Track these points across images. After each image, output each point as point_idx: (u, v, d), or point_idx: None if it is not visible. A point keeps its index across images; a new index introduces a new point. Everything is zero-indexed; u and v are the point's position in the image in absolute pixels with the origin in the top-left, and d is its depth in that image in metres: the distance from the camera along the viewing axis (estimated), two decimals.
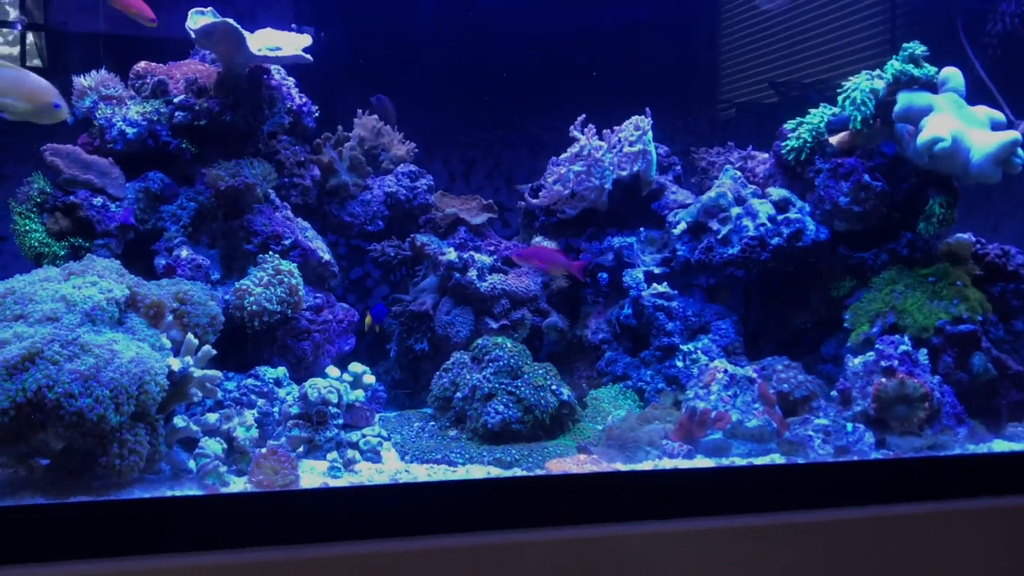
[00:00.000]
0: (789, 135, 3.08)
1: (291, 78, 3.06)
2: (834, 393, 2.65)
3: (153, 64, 2.89)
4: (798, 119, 3.09)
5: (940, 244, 2.95)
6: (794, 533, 1.98)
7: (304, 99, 3.10)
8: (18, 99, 2.25)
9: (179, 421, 2.16)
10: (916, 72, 2.84)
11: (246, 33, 2.68)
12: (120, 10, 2.78)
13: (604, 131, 3.23)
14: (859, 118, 2.88)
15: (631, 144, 3.16)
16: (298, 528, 1.73)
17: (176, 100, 2.77)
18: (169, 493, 1.96)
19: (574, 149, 3.17)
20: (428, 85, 3.82)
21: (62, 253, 2.54)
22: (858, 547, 2.03)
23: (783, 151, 3.08)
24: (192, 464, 2.11)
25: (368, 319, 2.91)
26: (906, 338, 2.61)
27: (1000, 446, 2.61)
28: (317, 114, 3.18)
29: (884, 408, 2.49)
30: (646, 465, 2.33)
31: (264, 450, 2.15)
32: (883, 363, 2.54)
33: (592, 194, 3.12)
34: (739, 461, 2.39)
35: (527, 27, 3.90)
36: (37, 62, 3.37)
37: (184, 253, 2.64)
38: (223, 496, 1.91)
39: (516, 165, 3.87)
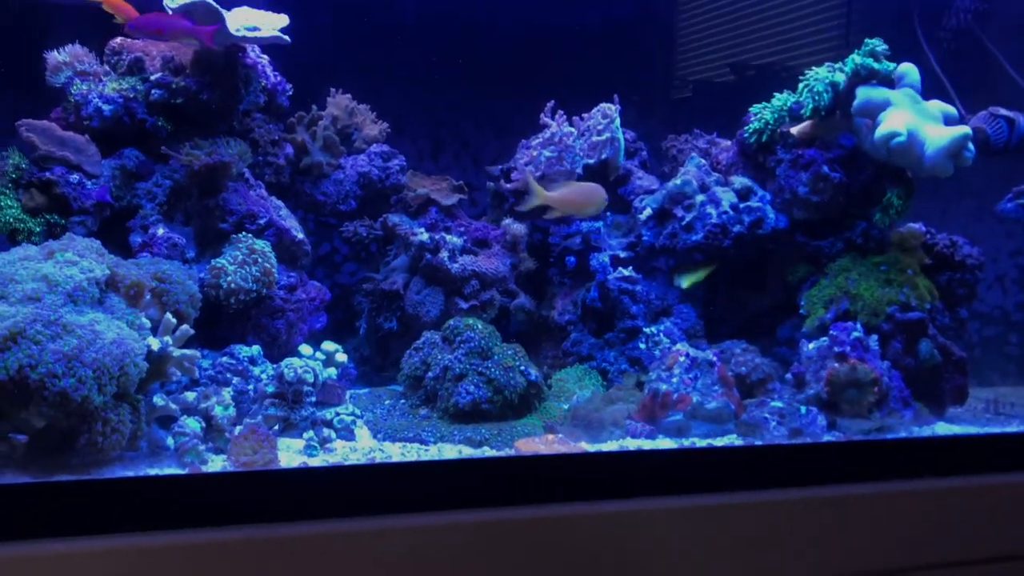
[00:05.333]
0: (752, 119, 3.16)
1: (265, 56, 3.07)
2: (789, 376, 2.76)
3: (129, 40, 2.87)
4: (763, 103, 3.16)
5: (892, 233, 3.06)
6: (750, 512, 2.05)
7: (278, 77, 3.10)
8: (592, 206, 3.01)
9: (158, 400, 2.20)
10: (876, 66, 2.92)
11: (225, 12, 2.69)
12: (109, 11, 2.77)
13: (574, 117, 3.29)
14: (810, 106, 2.95)
15: (599, 133, 3.23)
16: (279, 506, 1.77)
17: (153, 78, 2.76)
18: (151, 471, 2.01)
19: (545, 134, 3.23)
20: (398, 63, 3.83)
21: (38, 230, 2.54)
22: (810, 525, 2.10)
23: (746, 135, 3.16)
24: (170, 442, 2.15)
25: None
26: (858, 324, 2.71)
27: (942, 429, 2.74)
28: (291, 92, 3.19)
29: (836, 392, 2.61)
30: (611, 445, 2.42)
31: (241, 428, 2.20)
32: (836, 349, 2.65)
33: (562, 179, 3.19)
34: (699, 442, 2.49)
35: (494, 9, 3.92)
36: None
37: (160, 231, 2.66)
38: (208, 475, 1.96)
39: (483, 146, 3.91)
